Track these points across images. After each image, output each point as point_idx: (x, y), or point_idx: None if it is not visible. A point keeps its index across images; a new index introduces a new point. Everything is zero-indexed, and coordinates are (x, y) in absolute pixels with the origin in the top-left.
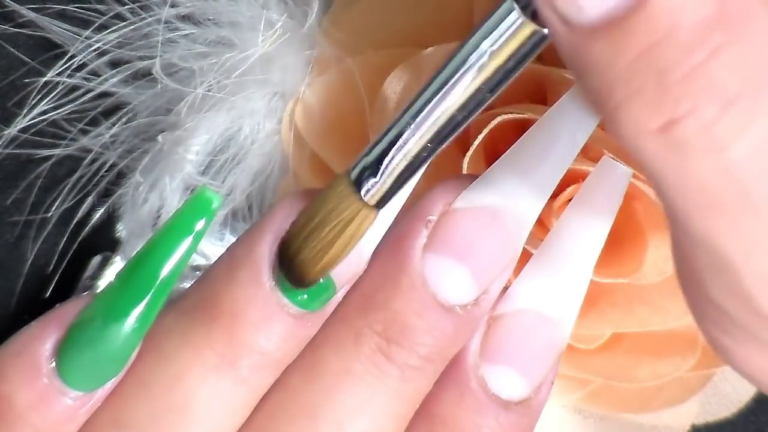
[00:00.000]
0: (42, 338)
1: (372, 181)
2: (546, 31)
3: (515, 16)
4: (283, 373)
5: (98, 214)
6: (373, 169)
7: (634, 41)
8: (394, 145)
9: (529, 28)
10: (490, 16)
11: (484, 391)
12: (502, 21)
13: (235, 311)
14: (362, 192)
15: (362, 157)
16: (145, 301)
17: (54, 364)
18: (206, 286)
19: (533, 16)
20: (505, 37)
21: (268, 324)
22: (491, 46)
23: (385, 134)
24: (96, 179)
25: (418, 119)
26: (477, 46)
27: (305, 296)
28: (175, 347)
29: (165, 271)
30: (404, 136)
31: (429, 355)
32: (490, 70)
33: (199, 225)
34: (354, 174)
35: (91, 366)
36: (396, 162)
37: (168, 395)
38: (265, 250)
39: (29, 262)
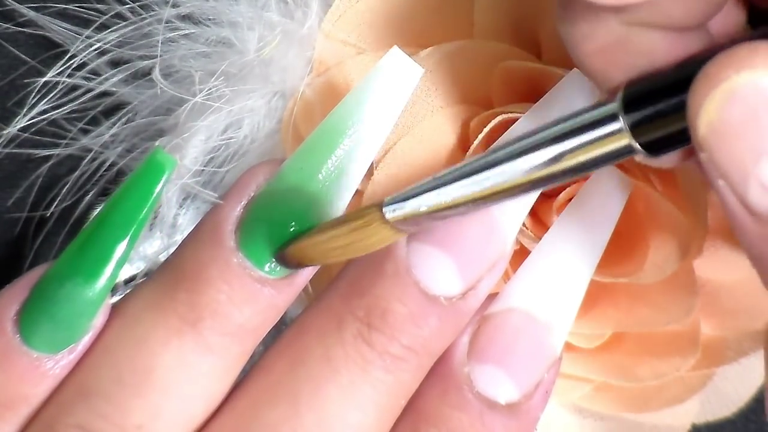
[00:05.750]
0: (9, 299)
1: (397, 205)
2: (641, 152)
3: (617, 126)
4: (267, 359)
5: (96, 213)
6: (403, 200)
7: None
8: (432, 191)
9: (625, 141)
10: (586, 112)
11: (469, 389)
12: (601, 126)
13: (196, 272)
14: (386, 213)
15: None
16: (103, 264)
17: (17, 324)
18: (174, 254)
19: (636, 131)
20: (597, 142)
21: (229, 284)
22: (577, 145)
23: (426, 183)
24: (95, 178)
25: (464, 181)
26: (560, 140)
27: (269, 262)
28: (140, 311)
29: (120, 235)
30: (442, 190)
31: (411, 345)
32: (561, 167)
33: (157, 189)
34: (385, 201)
35: (48, 326)
36: (427, 202)
37: (131, 359)
38: (228, 212)
39: (29, 261)
